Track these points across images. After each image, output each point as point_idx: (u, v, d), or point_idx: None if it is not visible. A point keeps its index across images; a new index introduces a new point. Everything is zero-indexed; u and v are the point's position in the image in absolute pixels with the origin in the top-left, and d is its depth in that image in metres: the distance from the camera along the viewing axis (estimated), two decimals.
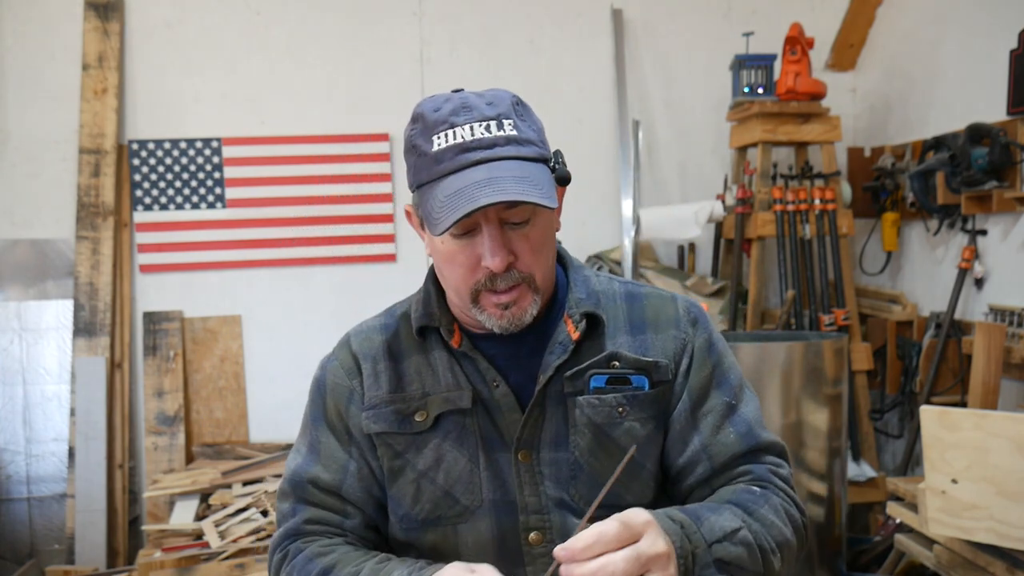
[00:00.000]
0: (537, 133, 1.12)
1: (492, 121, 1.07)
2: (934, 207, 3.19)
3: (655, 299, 1.25)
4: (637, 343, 1.20)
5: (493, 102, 1.09)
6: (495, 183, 1.04)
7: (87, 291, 3.35)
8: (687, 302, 1.26)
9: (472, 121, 1.07)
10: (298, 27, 3.55)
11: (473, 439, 1.18)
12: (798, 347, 2.80)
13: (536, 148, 1.10)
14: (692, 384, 1.20)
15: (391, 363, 1.24)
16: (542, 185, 1.06)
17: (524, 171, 1.06)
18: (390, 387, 1.22)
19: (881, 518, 3.28)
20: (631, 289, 1.26)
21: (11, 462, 3.41)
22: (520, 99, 1.13)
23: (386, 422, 1.20)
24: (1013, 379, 2.88)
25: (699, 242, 3.77)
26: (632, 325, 1.22)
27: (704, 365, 1.22)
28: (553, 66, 3.71)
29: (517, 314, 1.12)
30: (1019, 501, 2.03)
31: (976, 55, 3.10)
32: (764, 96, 3.41)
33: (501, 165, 1.06)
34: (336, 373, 1.27)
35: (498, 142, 1.07)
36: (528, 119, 1.12)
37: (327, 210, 3.56)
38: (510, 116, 1.08)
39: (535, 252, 1.11)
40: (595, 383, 1.17)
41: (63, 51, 3.39)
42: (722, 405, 1.21)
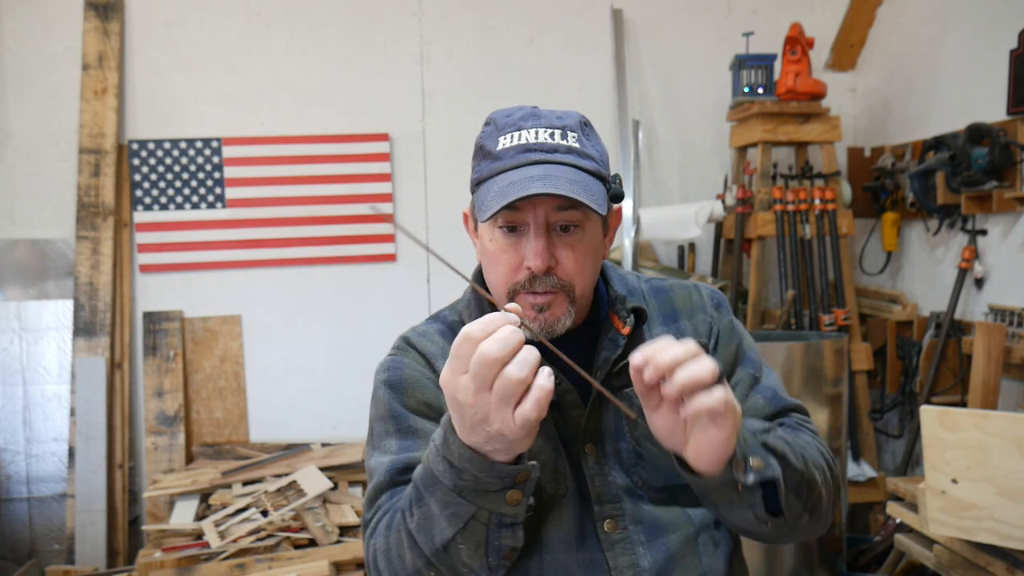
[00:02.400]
0: (600, 153, 1.18)
1: (557, 130, 1.14)
2: (934, 207, 3.19)
3: (680, 288, 1.32)
4: (674, 331, 1.26)
5: (562, 116, 1.16)
6: (549, 179, 1.09)
7: (87, 291, 3.35)
8: (709, 289, 1.33)
9: (539, 127, 1.14)
10: (298, 27, 3.55)
11: (553, 432, 1.20)
12: (798, 347, 2.80)
13: (595, 164, 1.15)
14: (720, 361, 1.24)
15: None
16: (595, 194, 1.11)
17: (579, 177, 1.11)
18: None
19: (881, 518, 3.28)
20: (655, 284, 1.33)
21: (11, 462, 3.41)
22: (589, 122, 1.20)
23: None
24: (1013, 379, 2.88)
25: (699, 242, 3.77)
26: (664, 316, 1.29)
27: (730, 343, 1.29)
28: (553, 66, 3.71)
29: (550, 320, 1.15)
30: (1019, 501, 2.03)
31: (976, 55, 3.10)
32: (764, 96, 3.41)
33: (559, 168, 1.12)
34: (413, 367, 1.25)
35: (560, 148, 1.14)
36: (593, 139, 1.18)
37: (327, 210, 3.56)
38: (575, 130, 1.15)
39: (578, 262, 1.15)
40: None
41: (63, 51, 3.39)
42: (748, 377, 1.27)
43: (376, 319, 3.61)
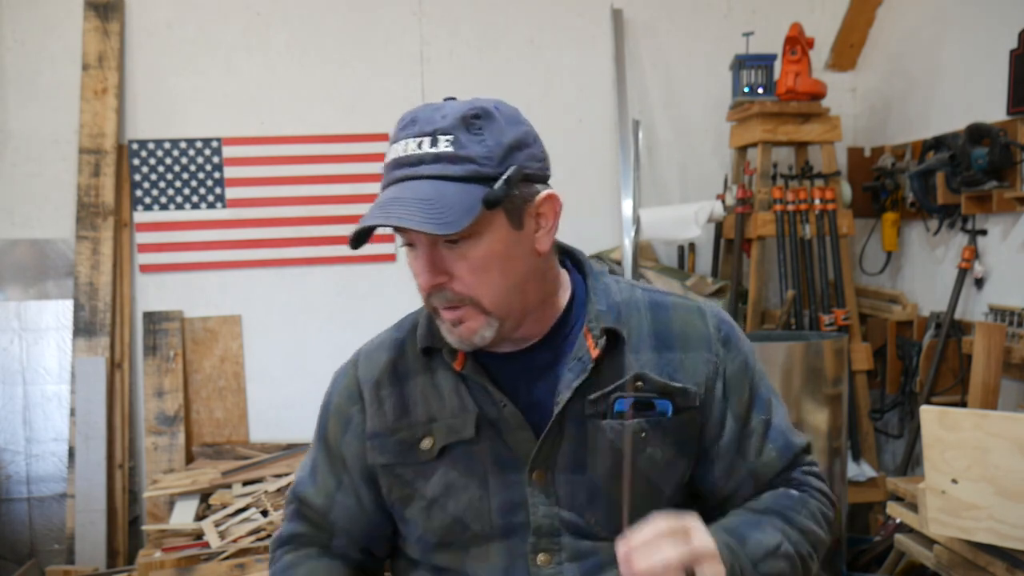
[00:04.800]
0: (486, 150, 1.04)
1: (426, 138, 1.04)
2: (934, 207, 3.19)
3: (682, 311, 1.21)
4: (664, 361, 1.16)
5: (446, 115, 1.05)
6: (395, 204, 1.02)
7: (87, 291, 3.35)
8: (716, 316, 1.22)
9: (408, 137, 1.05)
10: (298, 27, 3.55)
11: (482, 466, 1.15)
12: (798, 347, 2.80)
13: (474, 167, 1.03)
14: (735, 412, 1.19)
15: (396, 387, 1.21)
16: (450, 209, 1.00)
17: (435, 192, 1.01)
18: (395, 414, 1.20)
19: (881, 518, 3.28)
20: (656, 298, 1.22)
21: (11, 462, 3.41)
22: (486, 112, 1.06)
23: (391, 453, 1.19)
24: (1013, 379, 2.88)
25: (699, 242, 3.76)
26: (658, 339, 1.18)
27: (742, 389, 1.20)
28: (553, 66, 3.71)
29: (466, 334, 1.09)
30: (1019, 501, 2.03)
31: (976, 55, 3.10)
32: (764, 96, 3.41)
33: (414, 186, 1.03)
34: (340, 395, 1.27)
35: (424, 159, 1.04)
36: (486, 133, 1.05)
37: (327, 210, 3.56)
38: (453, 131, 1.03)
39: (475, 273, 1.06)
40: (618, 406, 1.13)
41: (63, 51, 3.39)
42: (761, 424, 1.21)
43: (376, 319, 3.58)
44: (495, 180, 1.04)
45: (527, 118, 1.13)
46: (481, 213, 1.02)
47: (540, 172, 1.11)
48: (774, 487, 1.21)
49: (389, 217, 1.01)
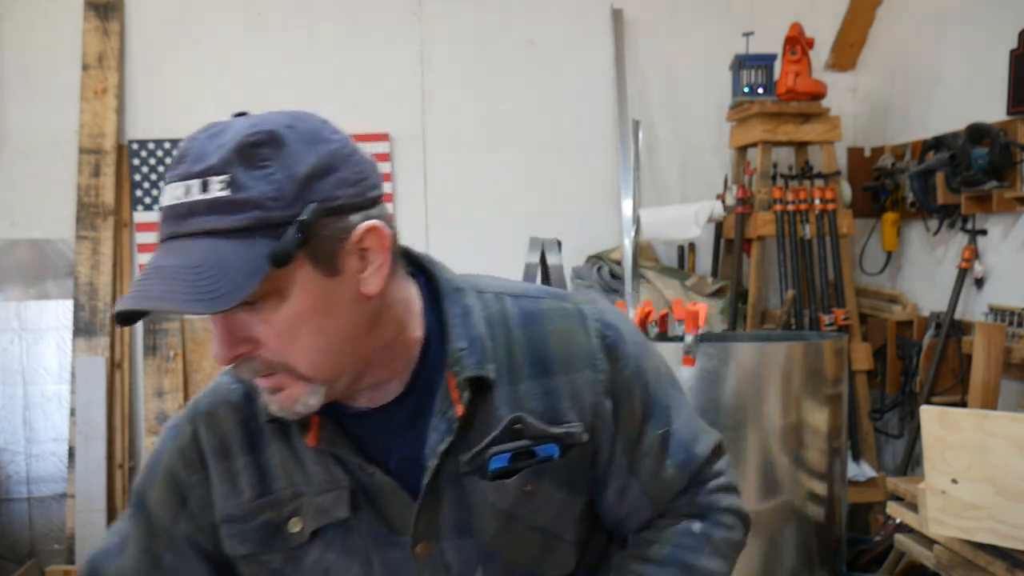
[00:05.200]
0: (278, 186, 0.83)
1: (195, 181, 0.82)
2: (934, 207, 3.18)
3: (560, 320, 1.01)
4: (545, 390, 0.99)
5: (221, 145, 0.84)
6: (155, 278, 0.82)
7: (87, 291, 3.35)
8: (599, 320, 1.02)
9: (176, 179, 0.84)
10: (298, 27, 3.55)
11: (362, 543, 0.99)
12: (798, 347, 2.80)
13: (257, 213, 0.82)
14: (625, 430, 1.03)
15: (251, 455, 1.00)
16: (226, 275, 0.80)
17: (206, 255, 0.81)
18: (254, 491, 0.99)
19: (881, 518, 3.28)
20: (528, 308, 1.02)
21: (11, 462, 3.41)
22: (274, 134, 0.85)
23: (254, 542, 1.00)
24: (1013, 379, 2.88)
25: (699, 242, 3.76)
26: (536, 364, 0.99)
27: (634, 402, 1.03)
28: (553, 66, 3.71)
29: (286, 403, 0.90)
30: (1019, 501, 2.03)
31: (976, 55, 3.10)
32: (764, 96, 3.41)
33: (182, 247, 0.83)
34: (174, 458, 1.02)
35: (195, 209, 0.82)
36: (273, 164, 0.84)
37: None
38: (226, 170, 0.82)
39: (282, 338, 0.86)
40: (497, 463, 0.97)
41: (63, 51, 3.39)
42: (657, 440, 1.05)
43: None
44: (288, 224, 0.82)
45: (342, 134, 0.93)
46: (271, 272, 0.82)
47: (356, 200, 0.88)
48: (675, 509, 1.08)
49: (145, 298, 0.81)
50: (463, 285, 1.02)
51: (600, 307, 1.05)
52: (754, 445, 2.52)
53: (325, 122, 0.92)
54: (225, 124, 0.87)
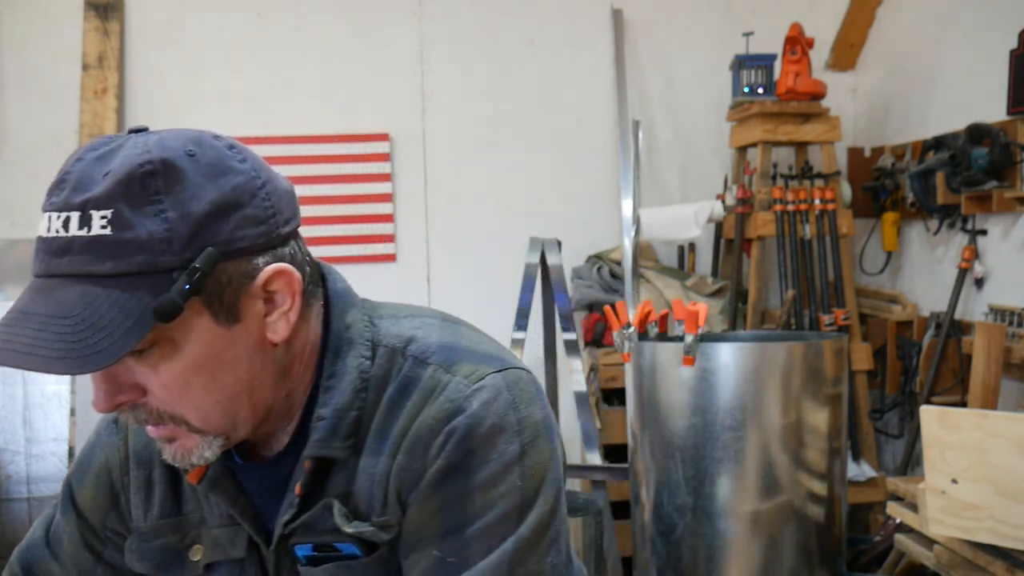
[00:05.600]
0: (169, 227, 0.73)
1: (75, 212, 0.72)
2: (934, 207, 3.19)
3: (421, 392, 0.85)
4: (371, 470, 0.86)
5: (109, 172, 0.73)
6: (22, 325, 0.73)
7: None
8: (457, 401, 0.84)
9: (53, 208, 0.74)
10: (298, 27, 3.55)
11: None
12: (798, 347, 2.80)
13: (143, 258, 0.72)
14: (407, 524, 0.86)
15: (170, 471, 0.93)
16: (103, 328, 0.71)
17: (82, 302, 0.72)
18: (164, 509, 0.94)
19: (881, 518, 3.28)
20: (414, 372, 0.87)
21: (11, 462, 3.41)
22: (170, 164, 0.74)
23: (152, 561, 0.94)
24: (1013, 379, 2.88)
25: (699, 242, 3.77)
26: (376, 437, 0.86)
27: (428, 499, 0.84)
28: (553, 66, 3.71)
29: (180, 454, 0.82)
30: (1019, 501, 2.03)
31: (976, 55, 3.10)
32: (764, 96, 3.41)
33: (54, 291, 0.74)
34: (108, 454, 0.97)
35: (72, 247, 0.73)
36: (167, 200, 0.73)
37: (327, 210, 3.56)
38: (110, 204, 0.72)
39: (171, 388, 0.78)
40: (301, 551, 0.89)
41: (63, 51, 3.39)
42: (431, 564, 0.83)
43: None
44: (181, 270, 0.73)
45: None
46: (156, 327, 0.73)
47: (262, 240, 0.79)
48: None
49: (9, 352, 0.71)
50: (356, 336, 0.88)
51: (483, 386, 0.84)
52: (754, 445, 2.52)
53: (233, 147, 0.81)
54: (117, 142, 0.76)
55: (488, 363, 0.87)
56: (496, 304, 3.63)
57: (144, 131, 0.79)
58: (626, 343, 2.66)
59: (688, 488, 2.51)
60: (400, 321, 0.92)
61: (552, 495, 0.85)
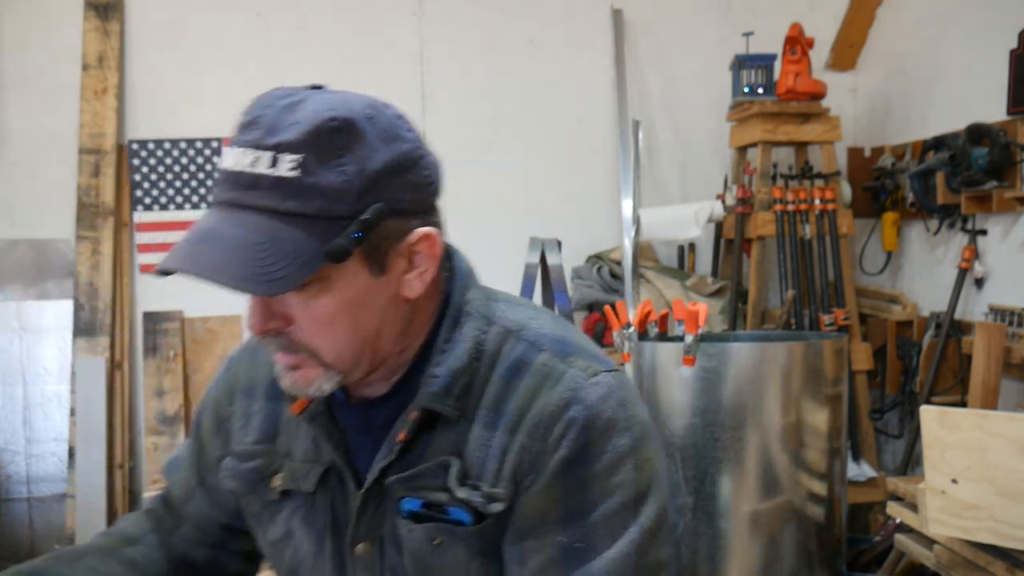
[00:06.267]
0: (347, 180, 0.81)
1: (266, 153, 0.80)
2: (934, 207, 3.19)
3: (535, 376, 0.91)
4: (486, 443, 0.91)
5: (297, 121, 0.81)
6: (209, 244, 0.81)
7: (87, 291, 3.35)
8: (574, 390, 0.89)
9: (246, 145, 0.81)
10: (298, 27, 3.55)
11: (321, 521, 0.99)
12: (798, 347, 2.79)
13: (322, 203, 0.80)
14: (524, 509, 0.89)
15: (270, 403, 1.03)
16: (282, 259, 0.79)
17: (265, 234, 0.80)
18: (259, 435, 1.03)
19: (881, 518, 3.28)
20: (525, 354, 0.92)
21: (11, 462, 3.41)
22: (353, 124, 0.82)
23: (241, 481, 1.03)
24: (1013, 379, 2.88)
25: (699, 242, 3.77)
26: (491, 412, 0.91)
27: (551, 486, 0.88)
28: (553, 66, 3.71)
29: (300, 383, 0.90)
30: (1019, 501, 2.03)
31: (976, 55, 3.10)
32: (764, 96, 3.41)
33: (240, 219, 0.81)
34: (220, 390, 1.09)
35: (260, 183, 0.80)
36: (347, 157, 0.81)
37: None
38: (300, 151, 0.79)
39: (317, 323, 0.86)
40: (407, 505, 0.93)
41: (63, 51, 3.39)
42: (557, 550, 0.88)
43: None
44: (350, 220, 0.81)
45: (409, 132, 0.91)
46: (324, 265, 0.81)
47: (418, 204, 0.88)
48: None
49: (201, 265, 0.80)
50: (474, 311, 0.95)
51: (598, 382, 0.91)
52: (754, 445, 2.52)
53: (401, 117, 0.90)
54: (300, 95, 0.84)
55: (599, 362, 0.94)
56: None
57: (322, 88, 0.87)
58: (626, 343, 2.65)
59: (688, 488, 2.51)
60: (516, 307, 0.98)
61: (663, 490, 0.92)
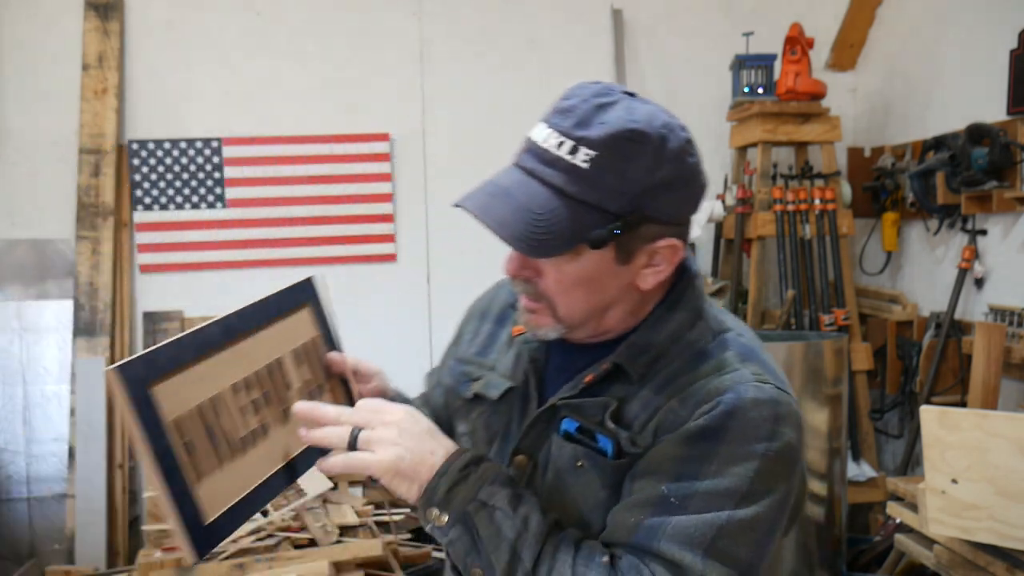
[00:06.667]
0: (626, 186, 0.94)
1: (570, 141, 0.94)
2: (934, 207, 3.19)
3: (715, 366, 1.02)
4: (647, 402, 1.02)
5: (603, 123, 0.94)
6: (500, 199, 0.96)
7: (87, 291, 3.35)
8: (734, 388, 0.98)
9: (554, 127, 0.96)
10: (298, 27, 3.55)
11: (497, 425, 1.15)
12: (798, 347, 2.80)
13: (600, 196, 0.94)
14: (650, 455, 1.00)
15: (495, 326, 1.24)
16: (554, 231, 0.93)
17: (547, 205, 0.94)
18: (478, 348, 1.23)
19: (881, 518, 3.28)
20: (712, 349, 1.04)
21: (11, 462, 3.41)
22: (647, 138, 0.94)
23: (453, 379, 1.25)
24: (1013, 379, 2.88)
25: (699, 242, 3.76)
26: (665, 382, 1.03)
27: (678, 445, 0.97)
28: (553, 66, 3.71)
29: (531, 324, 1.05)
30: (1019, 501, 2.03)
31: (976, 55, 3.10)
32: (764, 96, 3.41)
33: (531, 186, 0.95)
34: (478, 305, 1.31)
35: (557, 164, 0.94)
36: (632, 164, 0.94)
37: (327, 210, 3.56)
38: (599, 149, 0.93)
39: (559, 283, 1.00)
40: (566, 425, 1.06)
41: (63, 51, 3.39)
42: (656, 494, 0.97)
43: (376, 319, 3.61)
44: (615, 217, 0.95)
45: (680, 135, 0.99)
46: (581, 246, 0.95)
47: (675, 218, 1.00)
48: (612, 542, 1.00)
49: (487, 213, 0.96)
50: (688, 306, 1.07)
51: (762, 388, 0.98)
52: None
53: (691, 142, 1.01)
54: (614, 96, 0.97)
55: (777, 381, 1.02)
56: None
57: (633, 96, 0.99)
58: None
59: None
60: (726, 316, 1.11)
61: (772, 512, 0.98)
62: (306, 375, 1.14)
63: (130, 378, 0.90)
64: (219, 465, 0.98)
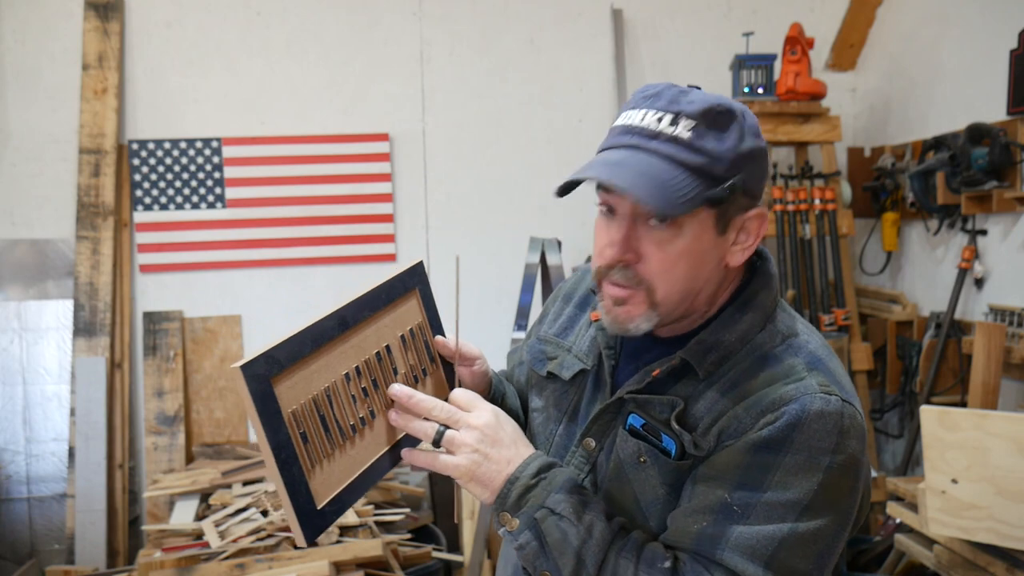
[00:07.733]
0: (725, 151, 1.00)
1: (668, 115, 1.00)
2: (934, 207, 3.19)
3: (781, 373, 1.03)
4: (712, 404, 1.05)
5: (693, 100, 1.01)
6: (622, 168, 0.99)
7: (87, 291, 3.35)
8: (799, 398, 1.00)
9: (650, 108, 1.02)
10: (298, 27, 3.55)
11: (566, 406, 1.20)
12: None
13: (705, 160, 0.99)
14: (713, 459, 1.02)
15: (576, 309, 1.28)
16: (675, 192, 0.97)
17: (663, 172, 0.98)
18: (558, 329, 1.28)
19: (881, 518, 3.28)
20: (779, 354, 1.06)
21: (11, 462, 3.41)
22: (734, 113, 1.01)
23: (531, 356, 1.29)
24: (1013, 379, 2.88)
25: None
26: (731, 385, 1.05)
27: (741, 453, 1.00)
28: (553, 66, 3.71)
29: (623, 316, 1.05)
30: (1019, 501, 2.03)
31: (976, 55, 3.10)
32: (764, 96, 3.41)
33: (642, 158, 1.00)
34: (558, 289, 1.35)
35: (660, 136, 1.00)
36: (727, 134, 1.00)
37: (327, 210, 3.56)
38: (696, 119, 0.99)
39: (663, 262, 1.02)
40: (631, 420, 1.09)
41: (63, 51, 3.39)
42: (718, 501, 1.00)
43: None
44: (720, 182, 1.00)
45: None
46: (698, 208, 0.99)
47: (759, 191, 1.06)
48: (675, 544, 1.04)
49: (617, 177, 0.97)
50: (760, 307, 1.09)
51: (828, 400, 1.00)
52: None
53: (756, 123, 1.07)
54: (682, 89, 1.03)
55: (843, 391, 1.03)
56: (496, 304, 3.63)
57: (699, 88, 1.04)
58: None
59: None
60: (797, 321, 1.12)
61: (835, 525, 1.00)
62: (411, 360, 1.17)
63: (253, 375, 0.94)
64: (330, 453, 1.03)
